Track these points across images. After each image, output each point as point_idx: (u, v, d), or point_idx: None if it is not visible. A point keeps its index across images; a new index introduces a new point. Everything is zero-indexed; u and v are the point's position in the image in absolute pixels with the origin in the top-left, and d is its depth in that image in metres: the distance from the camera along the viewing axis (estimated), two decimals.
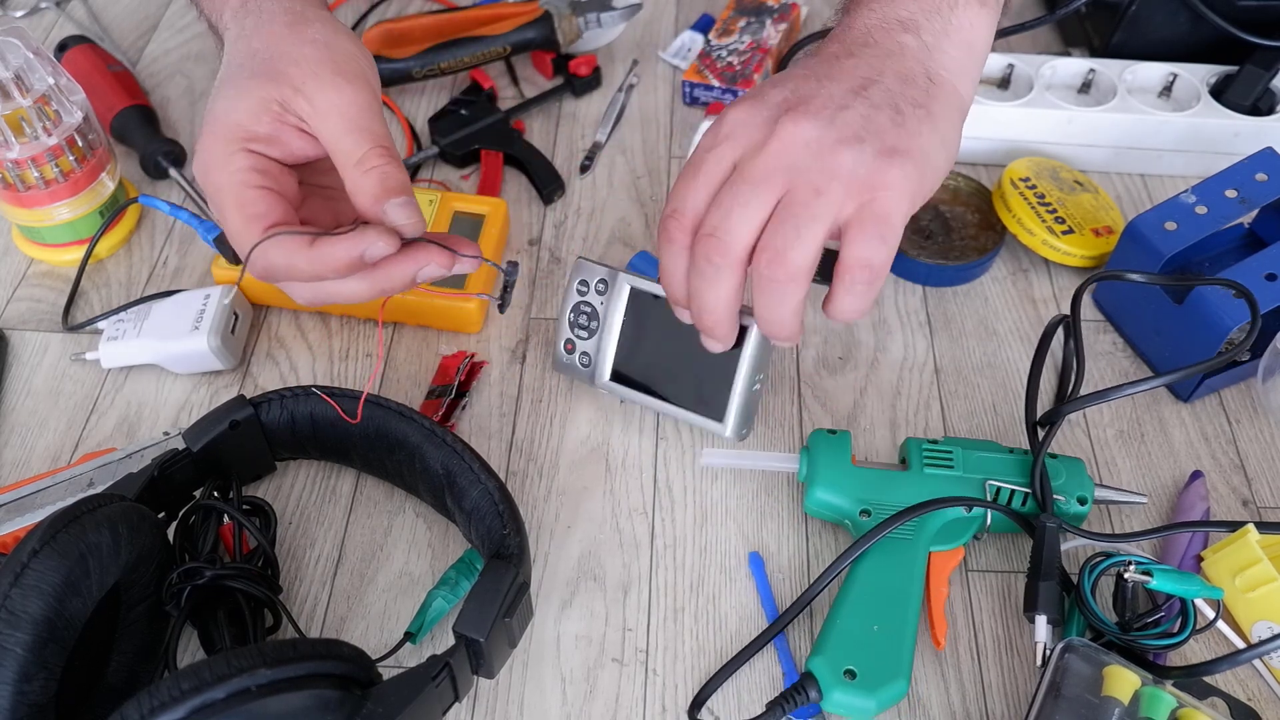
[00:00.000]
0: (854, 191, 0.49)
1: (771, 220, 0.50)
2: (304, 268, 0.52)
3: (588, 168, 0.80)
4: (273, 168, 0.54)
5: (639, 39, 0.90)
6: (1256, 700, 0.55)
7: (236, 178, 0.53)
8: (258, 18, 0.57)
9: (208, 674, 0.41)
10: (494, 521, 0.53)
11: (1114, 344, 0.70)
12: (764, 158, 0.50)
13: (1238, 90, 0.77)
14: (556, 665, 0.56)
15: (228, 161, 0.53)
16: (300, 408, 0.59)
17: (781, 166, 0.49)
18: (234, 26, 0.58)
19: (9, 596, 0.44)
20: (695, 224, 0.52)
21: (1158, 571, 0.53)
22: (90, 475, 0.60)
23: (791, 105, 0.50)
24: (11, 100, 0.66)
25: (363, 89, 0.54)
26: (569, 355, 0.64)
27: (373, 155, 0.52)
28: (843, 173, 0.49)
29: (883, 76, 0.51)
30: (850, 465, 0.59)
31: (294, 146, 0.54)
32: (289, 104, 0.53)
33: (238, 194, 0.53)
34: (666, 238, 0.53)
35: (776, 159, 0.49)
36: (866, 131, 0.49)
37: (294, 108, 0.53)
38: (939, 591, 0.56)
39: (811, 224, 0.49)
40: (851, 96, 0.50)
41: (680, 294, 0.54)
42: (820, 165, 0.49)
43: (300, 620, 0.58)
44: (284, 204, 0.54)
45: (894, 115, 0.50)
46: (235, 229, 0.53)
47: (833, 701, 0.53)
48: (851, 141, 0.49)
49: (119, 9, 0.94)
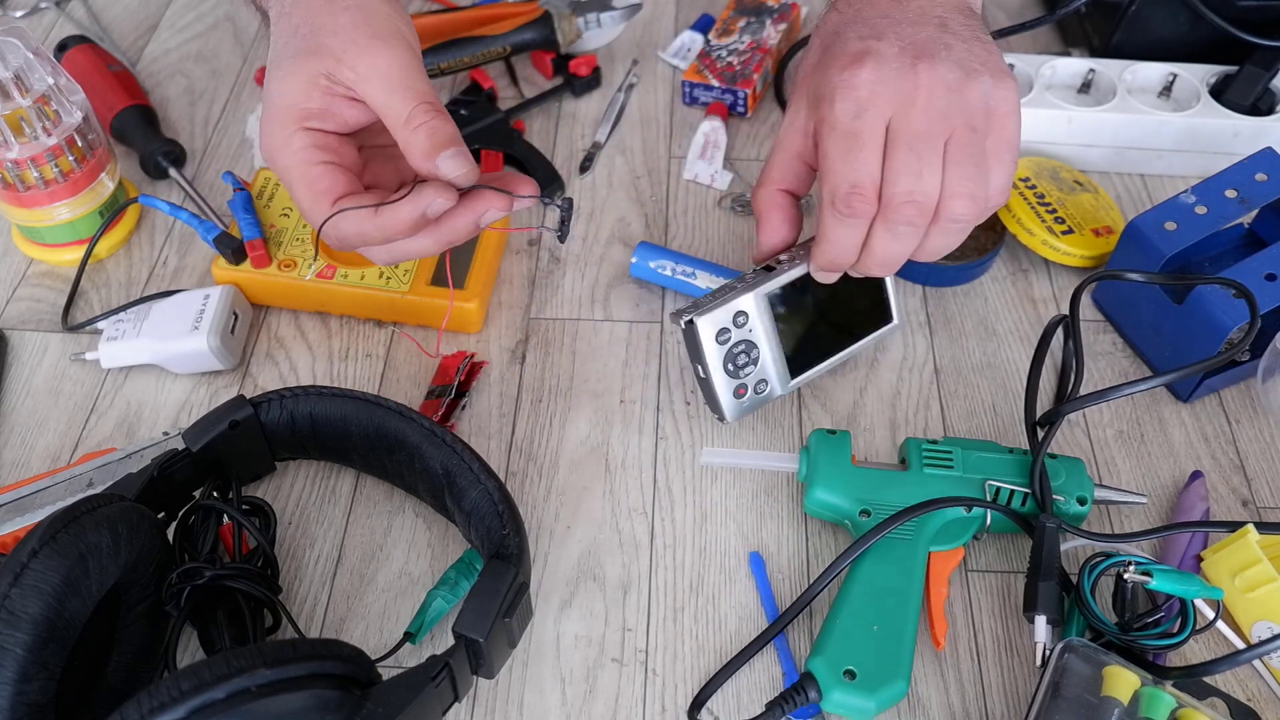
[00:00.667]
0: (992, 121, 0.53)
1: (949, 167, 0.52)
2: (374, 234, 0.55)
3: (587, 168, 0.80)
4: (331, 140, 0.56)
5: (639, 39, 0.90)
6: (1256, 700, 0.55)
7: (299, 157, 0.55)
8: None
9: (208, 674, 0.41)
10: (494, 521, 0.53)
11: (1114, 344, 0.70)
12: (921, 111, 0.52)
13: (1237, 90, 0.77)
14: (556, 665, 0.56)
15: (288, 143, 0.55)
16: (300, 408, 0.59)
17: (938, 114, 0.52)
18: (275, 5, 0.59)
19: (9, 596, 0.44)
20: (877, 193, 0.53)
21: (1157, 572, 0.53)
22: (90, 475, 0.60)
23: (914, 53, 0.52)
24: (11, 100, 0.66)
25: (400, 48, 0.55)
26: (744, 398, 0.62)
27: (419, 112, 0.54)
28: (980, 106, 0.52)
29: (947, 12, 0.55)
30: (850, 465, 0.59)
31: (347, 116, 0.56)
32: (334, 75, 0.55)
33: (303, 172, 0.55)
34: (852, 213, 0.54)
35: (932, 108, 0.52)
36: (976, 63, 0.53)
37: (339, 77, 0.55)
38: (939, 592, 0.56)
39: (984, 159, 0.53)
40: (944, 33, 0.54)
41: (849, 261, 0.56)
42: (964, 103, 0.52)
43: (300, 620, 0.58)
44: (348, 175, 0.56)
45: (981, 45, 0.54)
46: (305, 205, 0.56)
47: (832, 702, 0.53)
48: (975, 75, 0.52)
49: (119, 9, 0.94)
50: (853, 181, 0.53)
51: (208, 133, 0.83)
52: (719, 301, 0.59)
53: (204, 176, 0.80)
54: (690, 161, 0.80)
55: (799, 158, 0.58)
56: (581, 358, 0.69)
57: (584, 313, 0.71)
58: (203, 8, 0.93)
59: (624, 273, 0.73)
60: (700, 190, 0.79)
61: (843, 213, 0.54)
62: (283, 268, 0.69)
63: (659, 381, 0.68)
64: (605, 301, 0.72)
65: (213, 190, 0.78)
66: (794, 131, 0.58)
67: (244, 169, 0.80)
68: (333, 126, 0.56)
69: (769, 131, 0.83)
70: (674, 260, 0.71)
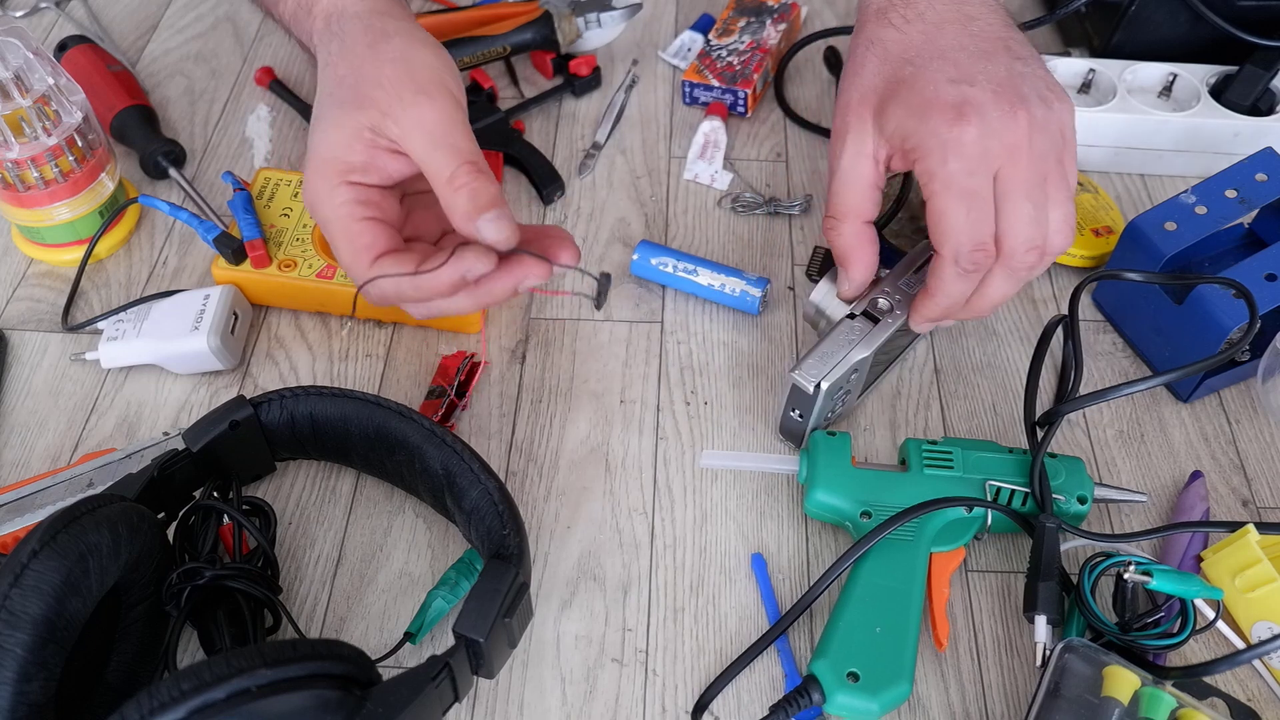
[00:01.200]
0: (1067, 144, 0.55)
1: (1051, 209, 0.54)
2: (412, 294, 0.55)
3: (585, 171, 0.80)
4: (374, 194, 0.56)
5: (639, 39, 0.90)
6: (1256, 700, 0.55)
7: (341, 211, 0.55)
8: (340, 41, 0.58)
9: (208, 674, 0.41)
10: (494, 521, 0.53)
11: (1114, 344, 0.70)
12: (1026, 159, 0.53)
13: (1238, 90, 0.77)
14: (556, 665, 0.56)
15: (331, 196, 0.55)
16: (300, 408, 0.59)
17: (1039, 157, 0.53)
18: (321, 51, 0.59)
19: (9, 597, 0.44)
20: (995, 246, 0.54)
21: (1157, 572, 0.53)
22: (90, 475, 0.60)
23: (1009, 99, 0.53)
24: (11, 100, 0.66)
25: (444, 101, 0.55)
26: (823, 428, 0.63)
27: (462, 173, 0.54)
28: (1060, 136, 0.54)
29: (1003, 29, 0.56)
30: (850, 466, 0.59)
31: (390, 169, 0.56)
32: (379, 128, 0.55)
33: (344, 227, 0.55)
34: (977, 270, 0.55)
35: (1034, 154, 0.53)
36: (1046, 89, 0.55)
37: (384, 131, 0.55)
38: (940, 593, 0.56)
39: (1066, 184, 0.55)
40: (1015, 61, 0.55)
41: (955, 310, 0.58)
42: (1053, 139, 0.54)
43: (300, 620, 0.58)
44: (389, 230, 0.56)
45: (1039, 63, 0.56)
46: (346, 260, 0.56)
47: (836, 704, 0.52)
48: (1051, 106, 0.54)
49: (119, 9, 0.94)
50: (977, 241, 0.54)
51: (208, 133, 0.83)
52: (835, 359, 0.59)
53: (204, 176, 0.80)
54: (690, 161, 0.80)
55: (874, 187, 0.58)
56: (581, 358, 0.69)
57: (584, 313, 0.71)
58: (203, 8, 0.93)
59: (624, 273, 0.73)
60: (700, 190, 0.79)
61: (967, 270, 0.55)
62: (283, 268, 0.69)
63: (659, 381, 0.68)
64: (605, 301, 0.72)
65: (213, 190, 0.78)
66: (865, 160, 0.57)
67: (244, 169, 0.80)
68: (376, 180, 0.56)
69: (769, 132, 0.83)
70: (675, 258, 0.71)
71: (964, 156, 0.53)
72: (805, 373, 0.59)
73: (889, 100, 0.55)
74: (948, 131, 0.53)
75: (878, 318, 0.60)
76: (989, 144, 0.53)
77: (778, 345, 0.70)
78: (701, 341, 0.70)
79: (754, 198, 0.77)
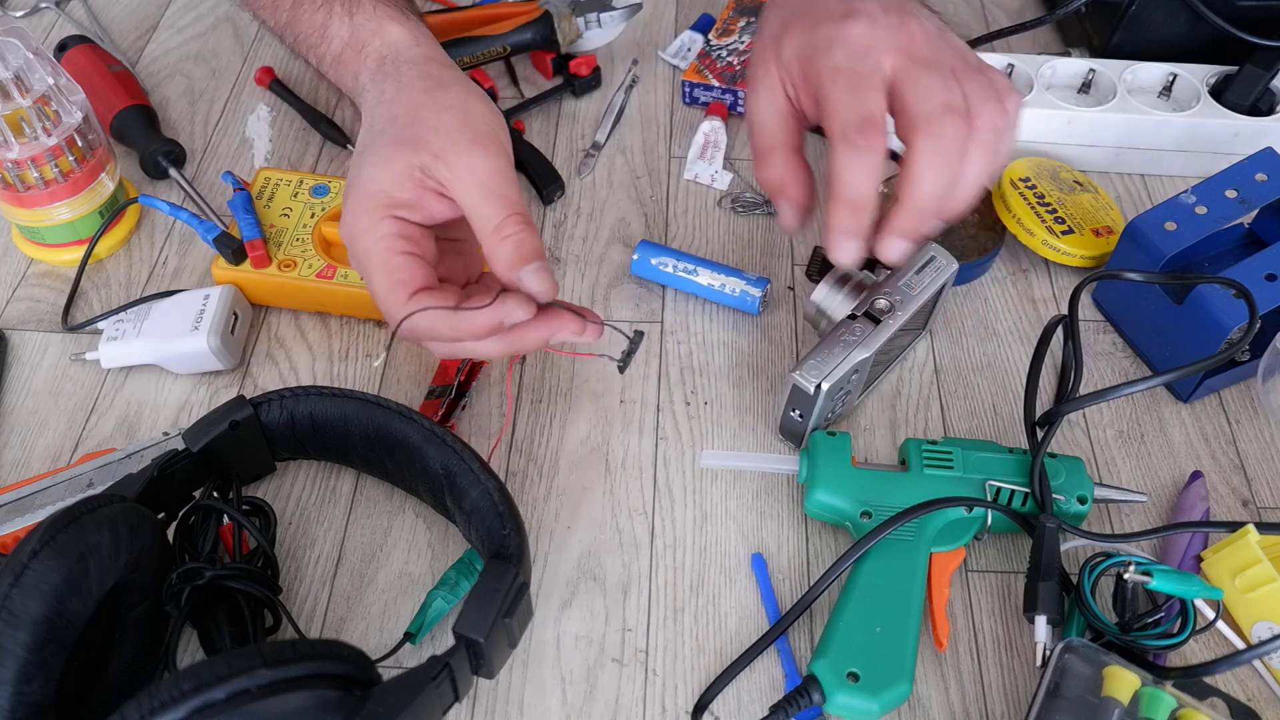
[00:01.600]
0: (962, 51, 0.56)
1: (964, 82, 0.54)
2: (446, 332, 0.55)
3: (585, 172, 0.80)
4: (414, 231, 0.56)
5: (639, 39, 0.90)
6: (1256, 700, 0.55)
7: (382, 244, 0.55)
8: (396, 83, 0.59)
9: (208, 674, 0.41)
10: (494, 521, 0.53)
11: (1114, 344, 0.70)
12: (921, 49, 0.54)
13: (1238, 90, 0.77)
14: (556, 665, 0.56)
15: (373, 228, 0.55)
16: (300, 408, 0.59)
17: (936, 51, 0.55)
18: (373, 90, 0.60)
19: (9, 597, 0.44)
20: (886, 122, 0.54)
21: (1157, 572, 0.53)
22: (90, 475, 0.60)
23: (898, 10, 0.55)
24: (11, 100, 0.66)
25: (497, 154, 0.56)
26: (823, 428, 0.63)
27: (509, 223, 0.54)
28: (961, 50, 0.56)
29: None
30: (850, 467, 0.59)
31: (434, 210, 0.56)
32: (430, 170, 0.55)
33: (383, 260, 0.55)
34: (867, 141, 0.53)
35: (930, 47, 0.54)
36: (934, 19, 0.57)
37: (434, 174, 0.55)
38: (941, 593, 0.56)
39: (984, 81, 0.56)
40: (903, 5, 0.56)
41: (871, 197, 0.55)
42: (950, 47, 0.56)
43: (300, 620, 0.58)
44: (426, 267, 0.56)
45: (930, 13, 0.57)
46: (381, 293, 0.55)
47: (836, 704, 0.53)
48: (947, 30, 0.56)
49: (119, 9, 0.94)
50: (861, 113, 0.53)
51: (208, 133, 0.83)
52: (836, 359, 0.59)
53: (204, 176, 0.80)
54: (690, 161, 0.80)
55: (791, 116, 0.58)
56: (581, 358, 0.69)
57: None
58: (203, 8, 0.93)
59: (624, 273, 0.73)
60: (700, 190, 0.79)
61: (856, 142, 0.53)
62: (283, 268, 0.69)
63: (659, 381, 0.68)
64: (605, 301, 0.72)
65: (213, 190, 0.78)
66: (775, 95, 0.57)
67: (244, 169, 0.80)
68: (419, 218, 0.56)
69: None
70: (675, 258, 0.71)
71: (849, 46, 0.54)
72: (806, 373, 0.59)
73: (784, 35, 0.57)
74: (835, 30, 0.54)
75: (878, 318, 0.60)
76: (875, 39, 0.54)
77: (778, 345, 0.70)
78: (701, 341, 0.70)
79: (754, 198, 0.77)
